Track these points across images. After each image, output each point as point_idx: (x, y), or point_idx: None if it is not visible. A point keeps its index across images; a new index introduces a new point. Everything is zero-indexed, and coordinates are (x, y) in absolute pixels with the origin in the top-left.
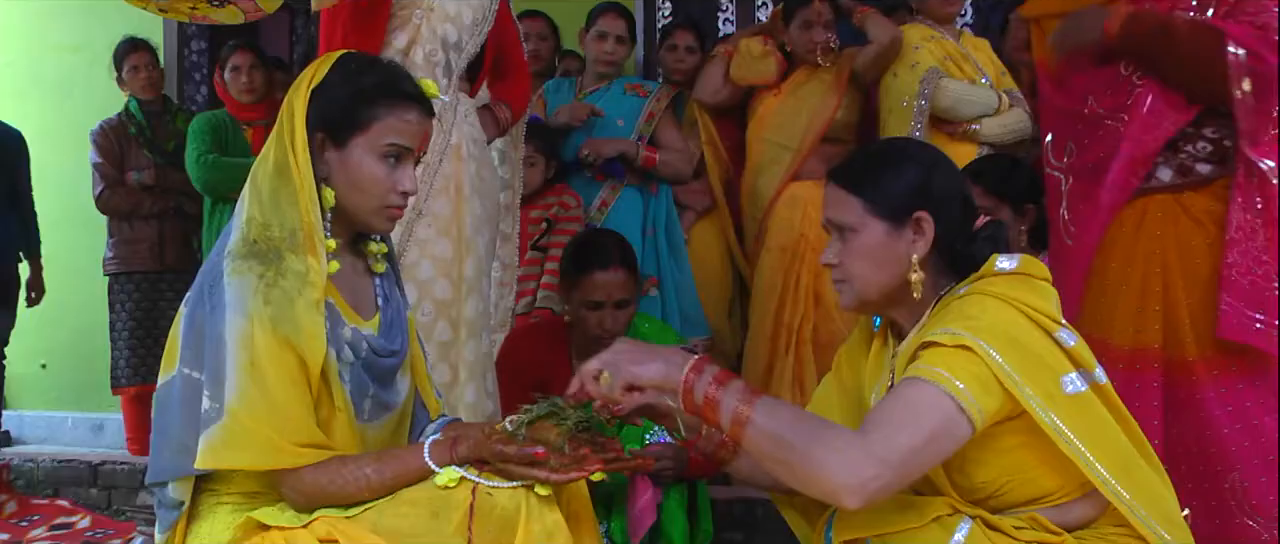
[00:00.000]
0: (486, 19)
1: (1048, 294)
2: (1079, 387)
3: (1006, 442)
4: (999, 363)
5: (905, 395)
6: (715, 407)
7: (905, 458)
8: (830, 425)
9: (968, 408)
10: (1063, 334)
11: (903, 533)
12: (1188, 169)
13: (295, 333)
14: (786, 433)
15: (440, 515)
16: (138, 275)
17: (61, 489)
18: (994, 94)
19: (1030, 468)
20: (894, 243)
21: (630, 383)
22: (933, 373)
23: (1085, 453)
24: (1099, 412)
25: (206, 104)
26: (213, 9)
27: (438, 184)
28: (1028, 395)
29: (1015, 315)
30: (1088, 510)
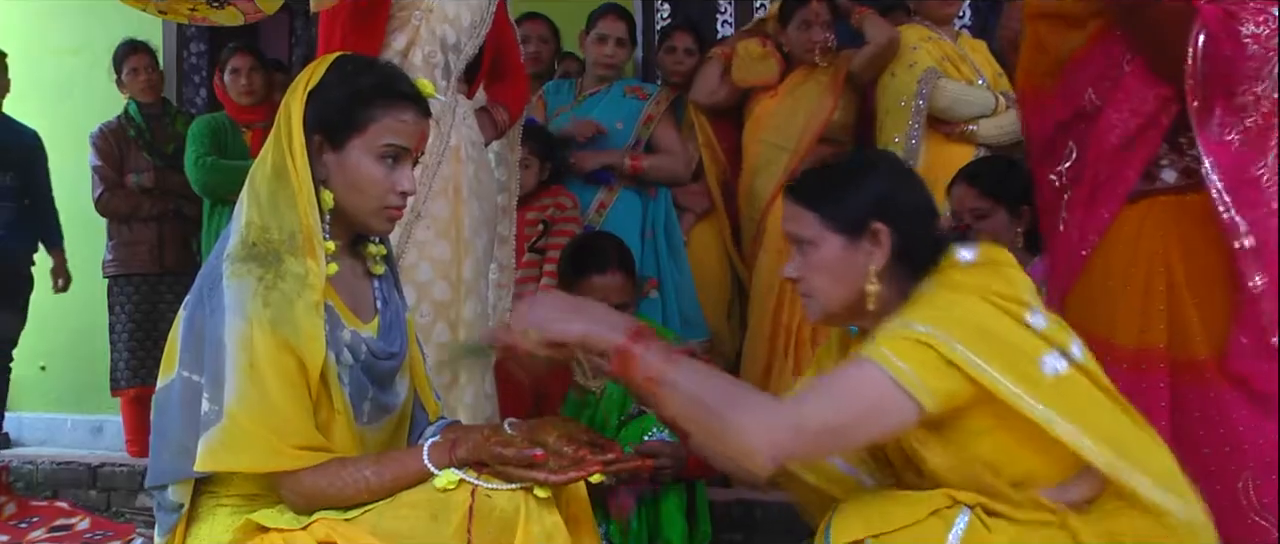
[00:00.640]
0: (485, 21)
1: (1014, 279)
2: (1060, 367)
3: (977, 424)
4: (963, 354)
5: (842, 371)
6: (635, 363)
7: (824, 429)
8: (751, 390)
9: (911, 389)
10: (1033, 318)
11: (902, 531)
12: (1192, 171)
13: (294, 335)
14: (704, 394)
15: (439, 517)
16: (137, 277)
17: (61, 491)
18: (991, 95)
19: (1012, 449)
20: (852, 256)
21: (555, 340)
22: (876, 352)
23: (1079, 436)
24: (1086, 390)
25: (206, 106)
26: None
27: (436, 186)
28: (1006, 386)
29: (980, 305)
30: (1088, 488)
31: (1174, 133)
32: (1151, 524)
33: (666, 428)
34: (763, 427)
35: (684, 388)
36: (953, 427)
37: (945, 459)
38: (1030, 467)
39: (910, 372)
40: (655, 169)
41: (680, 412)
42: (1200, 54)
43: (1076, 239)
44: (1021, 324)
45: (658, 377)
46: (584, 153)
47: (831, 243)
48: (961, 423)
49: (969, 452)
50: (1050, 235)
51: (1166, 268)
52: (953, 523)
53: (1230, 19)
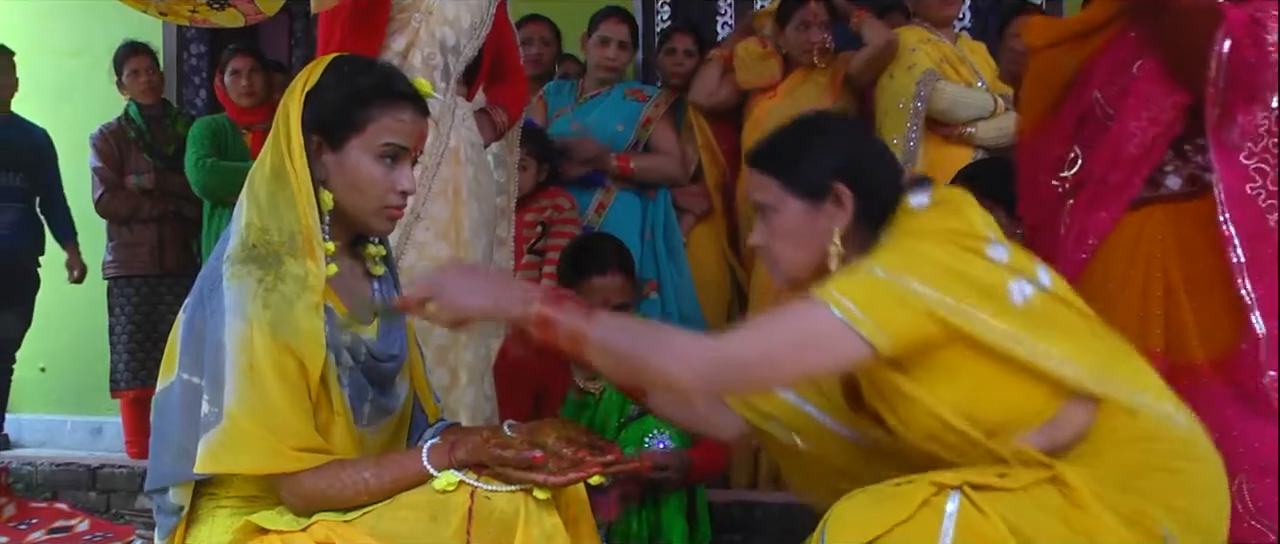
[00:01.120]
0: (484, 22)
1: (970, 215)
2: (1027, 292)
3: (947, 365)
4: (918, 289)
5: (785, 310)
6: (556, 327)
7: (753, 359)
8: (675, 330)
9: (857, 326)
10: (994, 250)
11: (895, 531)
12: (1197, 178)
13: (294, 337)
14: (626, 343)
15: (439, 519)
16: (137, 279)
17: (60, 492)
18: (990, 97)
19: (985, 390)
20: (814, 219)
21: (459, 319)
22: (823, 292)
23: (1053, 355)
24: (1058, 312)
25: (206, 108)
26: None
27: (436, 187)
28: (967, 313)
29: (937, 244)
30: (1080, 416)
31: (1179, 140)
32: (1144, 451)
33: (667, 431)
34: (686, 359)
35: (607, 342)
36: (921, 371)
37: (916, 410)
38: (1006, 409)
39: (857, 309)
40: (647, 170)
41: (607, 364)
42: (1224, 60)
43: (1076, 243)
44: (982, 257)
45: (579, 335)
46: (570, 161)
47: (793, 207)
48: (930, 366)
49: (939, 398)
50: (1049, 240)
51: (1164, 272)
52: (944, 511)
53: (1256, 25)
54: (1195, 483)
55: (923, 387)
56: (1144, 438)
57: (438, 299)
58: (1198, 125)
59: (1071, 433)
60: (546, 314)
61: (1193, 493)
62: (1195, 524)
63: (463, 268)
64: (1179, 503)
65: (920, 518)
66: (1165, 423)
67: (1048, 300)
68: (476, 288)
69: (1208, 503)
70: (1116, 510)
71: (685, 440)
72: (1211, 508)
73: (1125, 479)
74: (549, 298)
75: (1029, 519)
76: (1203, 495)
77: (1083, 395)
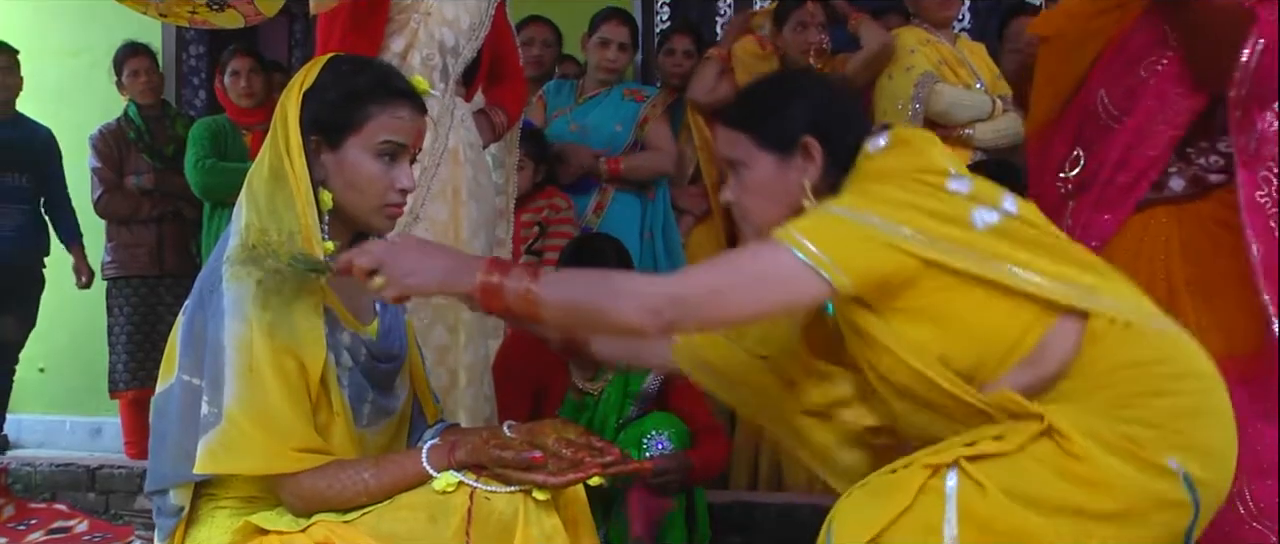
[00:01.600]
0: (483, 23)
1: (929, 152)
2: (991, 219)
3: (915, 303)
4: (878, 223)
5: (742, 249)
6: (500, 294)
7: (706, 295)
8: (624, 274)
9: (814, 264)
10: (956, 183)
11: (900, 521)
12: (1200, 180)
13: (294, 337)
14: (575, 295)
15: (438, 520)
16: (136, 280)
17: (59, 493)
18: (988, 99)
19: (957, 328)
20: (785, 172)
21: (404, 296)
22: (781, 232)
23: (1024, 273)
24: (1025, 234)
25: (205, 108)
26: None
27: (435, 188)
28: (929, 242)
29: (896, 183)
30: (1063, 344)
31: (1182, 142)
32: (1138, 375)
33: (666, 432)
34: (638, 298)
35: (555, 298)
36: (894, 314)
37: (888, 360)
38: (985, 342)
39: (815, 248)
40: (638, 168)
41: (559, 320)
42: (1254, 62)
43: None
44: (942, 190)
45: (526, 297)
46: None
47: (764, 162)
48: (902, 308)
49: (910, 341)
50: None
51: (1167, 273)
52: (944, 492)
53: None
54: (1197, 404)
55: (894, 332)
56: (1137, 361)
57: (384, 273)
58: (1202, 127)
59: (1056, 364)
60: (490, 282)
61: (1196, 415)
62: (1202, 449)
63: (413, 242)
64: (1182, 429)
65: (922, 504)
66: (1160, 338)
67: (1014, 224)
68: (425, 264)
69: (1213, 425)
70: (1115, 449)
71: (684, 442)
72: (1217, 430)
73: (1121, 409)
74: (494, 266)
75: (1028, 481)
76: (1206, 417)
77: (1065, 318)
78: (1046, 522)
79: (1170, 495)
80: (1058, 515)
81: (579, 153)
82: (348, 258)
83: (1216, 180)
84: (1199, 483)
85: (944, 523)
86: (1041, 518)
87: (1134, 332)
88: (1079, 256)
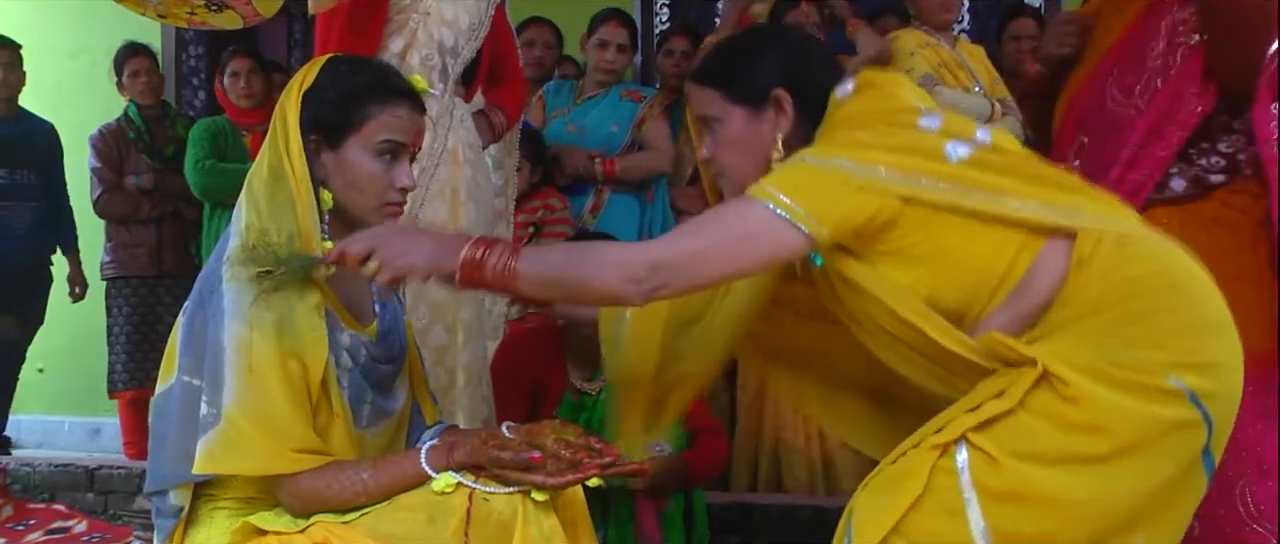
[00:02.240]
0: (483, 24)
1: (897, 93)
2: (964, 151)
3: (897, 244)
4: (850, 167)
5: (720, 208)
6: (481, 270)
7: (687, 257)
8: (603, 245)
9: (792, 217)
10: (927, 120)
11: (919, 505)
12: (1201, 181)
13: (294, 338)
14: (555, 270)
15: (437, 521)
16: (135, 280)
17: (58, 493)
18: (987, 101)
19: (940, 266)
20: (757, 126)
21: (398, 277)
22: (756, 188)
23: (1002, 199)
24: (1002, 161)
25: (205, 108)
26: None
27: (434, 189)
28: (904, 178)
29: (866, 126)
30: (1053, 268)
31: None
32: (1131, 291)
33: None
34: (618, 268)
35: (534, 273)
36: (876, 257)
37: (876, 306)
38: (971, 277)
39: (790, 200)
40: (634, 169)
41: (546, 292)
42: (1277, 61)
43: None
44: (913, 129)
45: (506, 273)
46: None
47: (736, 116)
48: (883, 250)
49: (898, 285)
50: None
51: None
52: (957, 471)
53: None
54: (1194, 316)
55: (881, 277)
56: (1128, 278)
57: (378, 257)
58: (1203, 128)
59: (1046, 291)
60: (473, 257)
61: (1193, 328)
62: (1203, 362)
63: (402, 226)
64: (1180, 344)
65: (937, 486)
66: (1150, 252)
67: (988, 154)
68: (414, 246)
69: (1212, 335)
70: (1112, 382)
71: (682, 444)
72: (1217, 340)
73: (1116, 332)
74: (479, 244)
75: (1033, 439)
76: (1204, 329)
77: (1052, 242)
78: (1062, 477)
79: (1177, 417)
80: (1071, 468)
81: (574, 155)
82: (340, 249)
83: (1217, 181)
84: (1205, 396)
85: (965, 504)
86: (1056, 474)
87: (1124, 247)
88: (1060, 179)
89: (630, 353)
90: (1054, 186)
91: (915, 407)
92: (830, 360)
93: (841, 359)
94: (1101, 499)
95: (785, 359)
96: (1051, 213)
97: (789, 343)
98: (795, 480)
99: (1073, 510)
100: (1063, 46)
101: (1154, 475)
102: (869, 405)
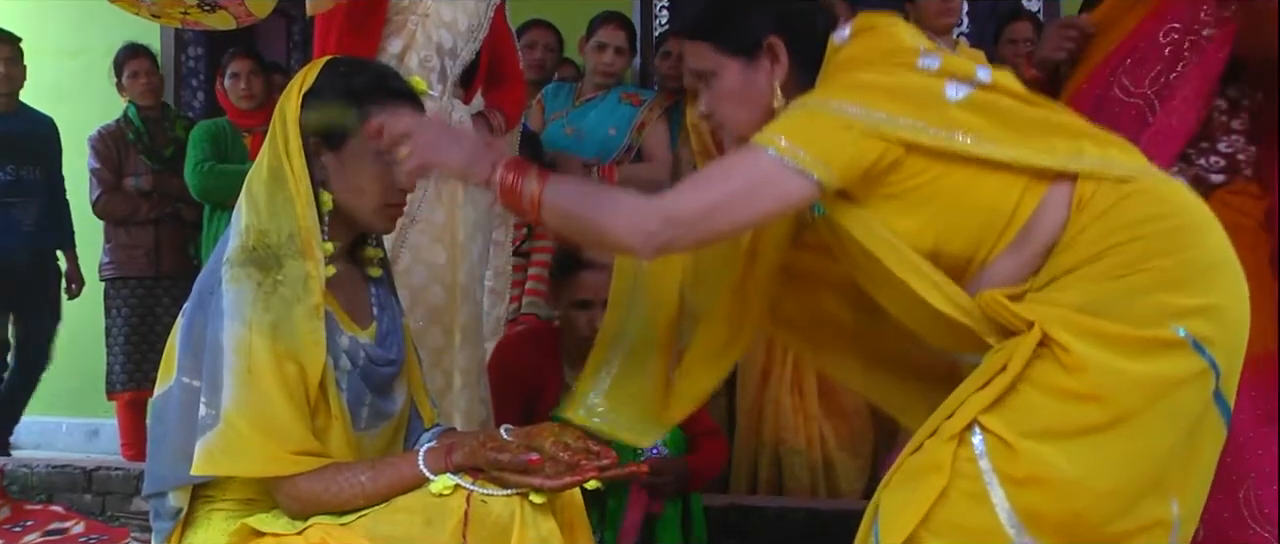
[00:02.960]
0: (482, 26)
1: (896, 35)
2: (963, 90)
3: (902, 186)
4: (853, 111)
5: (725, 159)
6: (516, 193)
7: (700, 211)
8: (623, 193)
9: (798, 163)
10: (926, 60)
11: (945, 497)
12: (1201, 180)
13: (294, 340)
14: (574, 205)
15: (435, 523)
16: (133, 281)
17: (56, 495)
18: None
19: (956, 197)
20: (753, 76)
21: (427, 166)
22: (760, 136)
23: (1001, 146)
24: (1002, 103)
25: (204, 110)
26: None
27: (432, 191)
28: (905, 122)
29: (866, 68)
30: (1056, 212)
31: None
32: (1134, 234)
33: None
34: (632, 219)
35: (559, 205)
36: (881, 201)
37: (876, 266)
38: (976, 220)
39: (795, 146)
40: (631, 179)
41: (561, 226)
42: None
43: None
44: (913, 70)
45: (536, 200)
46: None
47: (731, 68)
48: (887, 193)
49: (896, 231)
50: None
51: None
52: (976, 459)
53: None
54: (1196, 258)
55: (885, 223)
56: (1131, 221)
57: (413, 142)
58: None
59: (1049, 234)
60: (507, 180)
61: (1197, 270)
62: (1207, 308)
63: (443, 123)
64: (1182, 290)
65: (960, 475)
66: (1155, 193)
67: (989, 95)
68: (450, 145)
69: (1216, 278)
70: (1118, 344)
71: (681, 447)
72: (1221, 282)
73: (1118, 276)
74: (511, 167)
75: (1041, 415)
76: (1207, 271)
77: (1056, 185)
78: (1075, 452)
79: (1182, 371)
80: (1082, 441)
81: (570, 165)
82: (380, 121)
83: (1217, 181)
84: (1208, 341)
85: (988, 490)
86: (1069, 450)
87: (1123, 188)
88: (1063, 122)
89: (648, 302)
90: (1056, 130)
91: (945, 374)
92: (868, 335)
93: (878, 332)
94: (1120, 470)
95: (826, 339)
96: (1052, 158)
97: (824, 319)
98: (797, 483)
99: (1094, 486)
100: (1060, 51)
101: (1168, 434)
102: (912, 380)
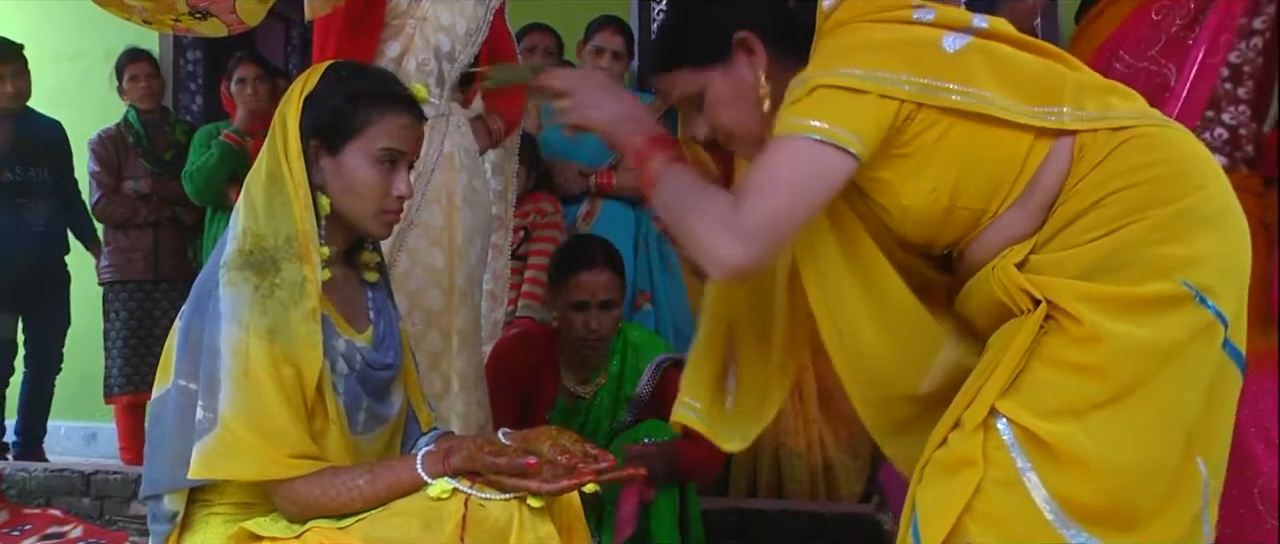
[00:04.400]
0: (480, 29)
1: None
2: (961, 40)
3: (914, 143)
4: (860, 75)
5: (765, 160)
6: (647, 168)
7: (773, 221)
8: (712, 198)
9: (834, 139)
10: (921, 13)
11: (982, 491)
12: None
13: (291, 344)
14: (674, 201)
15: (432, 526)
16: (132, 284)
17: (54, 498)
18: None
19: (970, 143)
20: (738, 76)
21: (582, 125)
22: (784, 125)
23: (994, 98)
24: (1000, 49)
25: (202, 113)
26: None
27: (430, 194)
28: (908, 79)
29: (861, 29)
30: (1060, 161)
31: None
32: (1135, 177)
33: (659, 438)
34: (715, 248)
35: (665, 193)
36: (894, 161)
37: (905, 199)
38: (990, 170)
39: (823, 124)
40: (628, 187)
41: (665, 216)
42: None
43: None
44: (907, 24)
45: (653, 178)
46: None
47: (713, 78)
48: (899, 152)
49: (922, 183)
50: None
51: None
52: (1006, 444)
53: None
54: (1200, 206)
55: (904, 184)
56: (1132, 167)
57: (571, 99)
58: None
59: (1052, 185)
60: (644, 152)
61: (1198, 220)
62: (1208, 256)
63: (605, 80)
64: (1188, 240)
65: (992, 462)
66: (1155, 139)
67: (987, 43)
68: (608, 104)
69: (1215, 224)
70: (1117, 305)
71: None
72: (1219, 228)
73: (1120, 227)
74: (653, 137)
75: (1057, 393)
76: (1209, 220)
77: (1060, 136)
78: (1094, 423)
79: (1190, 325)
80: (1101, 413)
81: (566, 171)
82: (545, 77)
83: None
84: (1212, 292)
85: (1020, 473)
86: (1090, 420)
87: (1121, 135)
88: (1063, 72)
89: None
90: (1057, 81)
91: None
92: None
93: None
94: (1144, 440)
95: None
96: (1051, 117)
97: None
98: (797, 485)
99: (1119, 462)
100: None
101: (1189, 397)
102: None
